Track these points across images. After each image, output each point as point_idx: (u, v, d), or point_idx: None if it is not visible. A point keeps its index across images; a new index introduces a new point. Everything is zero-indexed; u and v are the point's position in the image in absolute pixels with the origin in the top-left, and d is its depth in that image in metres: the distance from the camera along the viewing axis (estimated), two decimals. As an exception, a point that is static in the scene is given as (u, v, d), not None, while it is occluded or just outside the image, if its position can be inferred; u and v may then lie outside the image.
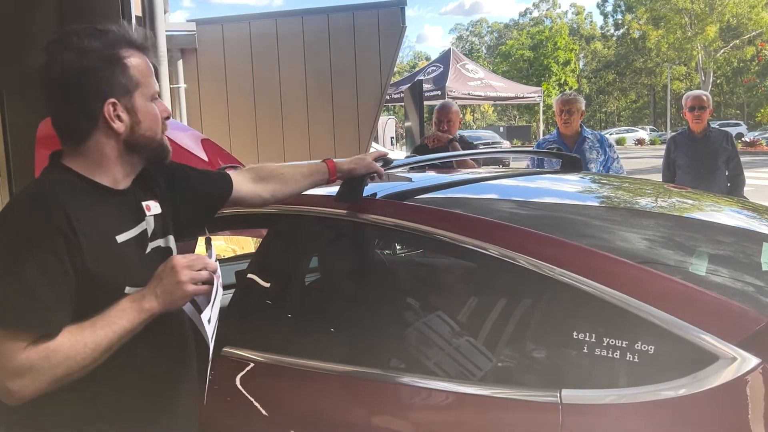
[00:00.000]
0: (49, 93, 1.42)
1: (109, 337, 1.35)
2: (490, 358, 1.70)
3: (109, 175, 1.47)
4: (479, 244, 1.70)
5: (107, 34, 1.43)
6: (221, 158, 3.65)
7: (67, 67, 1.38)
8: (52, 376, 1.30)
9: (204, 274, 1.44)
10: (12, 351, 1.27)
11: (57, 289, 1.32)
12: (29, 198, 1.38)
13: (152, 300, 1.39)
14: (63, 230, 1.32)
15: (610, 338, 1.43)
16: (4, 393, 1.29)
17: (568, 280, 1.52)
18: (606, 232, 1.95)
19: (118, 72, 1.42)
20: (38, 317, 1.29)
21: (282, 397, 1.85)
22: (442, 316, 1.98)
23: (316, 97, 9.67)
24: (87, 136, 1.43)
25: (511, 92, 22.60)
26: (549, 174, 3.07)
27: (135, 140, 1.47)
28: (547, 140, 4.91)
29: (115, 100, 1.42)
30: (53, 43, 1.41)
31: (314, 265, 2.45)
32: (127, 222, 1.48)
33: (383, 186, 2.18)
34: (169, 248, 1.60)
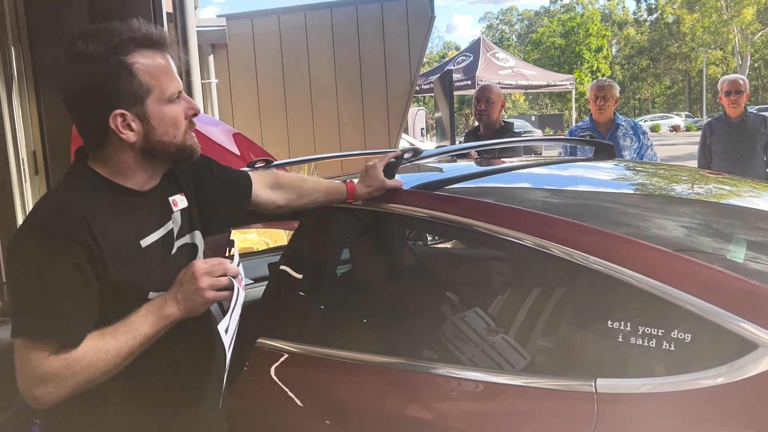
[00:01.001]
0: (63, 101, 1.41)
1: (130, 343, 1.36)
2: (523, 348, 1.69)
3: (133, 179, 1.46)
4: (512, 233, 1.69)
5: (114, 36, 1.37)
6: (253, 152, 3.67)
7: (72, 78, 1.37)
8: (74, 383, 1.32)
9: (224, 280, 1.43)
10: (36, 360, 1.30)
11: (78, 301, 1.33)
12: (49, 210, 1.38)
13: (173, 306, 1.40)
14: (84, 242, 1.32)
15: (645, 327, 1.41)
16: (30, 398, 1.32)
17: (602, 268, 1.50)
18: (641, 219, 1.92)
19: (124, 80, 1.36)
20: (59, 330, 1.31)
21: (315, 387, 1.86)
22: (475, 306, 1.97)
23: (346, 89, 9.67)
24: (102, 145, 1.42)
25: (543, 80, 22.32)
26: (582, 162, 3.03)
27: (151, 147, 1.43)
28: (580, 127, 4.87)
29: (123, 110, 1.38)
30: (66, 47, 1.38)
31: (345, 256, 2.46)
32: (152, 224, 1.48)
33: (414, 176, 2.17)
34: (195, 245, 1.59)
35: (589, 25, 48.88)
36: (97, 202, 1.38)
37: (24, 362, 1.31)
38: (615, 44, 57.11)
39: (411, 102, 10.42)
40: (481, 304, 1.97)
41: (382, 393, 1.77)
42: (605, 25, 52.51)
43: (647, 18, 56.06)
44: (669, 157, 17.31)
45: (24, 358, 1.31)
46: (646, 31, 55.63)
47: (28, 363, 1.30)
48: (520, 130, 25.66)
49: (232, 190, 1.75)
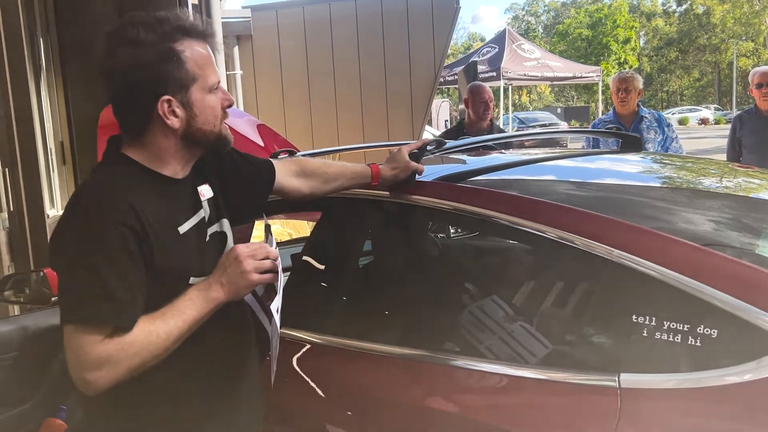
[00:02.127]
0: (108, 86, 1.43)
1: (179, 326, 1.38)
2: (546, 341, 1.68)
3: (169, 166, 1.48)
4: (536, 226, 1.67)
5: (164, 24, 1.41)
6: (277, 143, 3.69)
7: (122, 62, 1.38)
8: (127, 367, 1.33)
9: (267, 263, 1.47)
10: (89, 344, 1.31)
11: (130, 284, 1.35)
12: (96, 194, 1.39)
13: (218, 289, 1.43)
14: (131, 225, 1.34)
15: (671, 322, 1.39)
16: (83, 384, 1.33)
17: (627, 262, 1.48)
18: (667, 213, 1.89)
19: (173, 67, 1.40)
20: (113, 313, 1.32)
21: (337, 378, 1.86)
22: (498, 298, 1.96)
23: (370, 81, 9.67)
24: (144, 130, 1.44)
25: (569, 72, 22.11)
26: (607, 154, 3.00)
27: (192, 134, 1.46)
28: (603, 120, 4.82)
29: (170, 96, 1.41)
30: (111, 34, 1.41)
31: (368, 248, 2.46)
32: (187, 211, 1.50)
33: (438, 168, 2.16)
34: (224, 233, 1.61)
35: (616, 16, 48.24)
36: (138, 189, 1.41)
37: (77, 347, 1.31)
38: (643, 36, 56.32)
39: (435, 94, 10.39)
40: (504, 296, 1.96)
41: (404, 384, 1.77)
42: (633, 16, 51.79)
43: (676, 9, 55.21)
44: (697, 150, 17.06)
45: (77, 342, 1.31)
46: (675, 23, 54.79)
47: (81, 348, 1.31)
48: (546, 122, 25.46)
49: (254, 180, 1.76)
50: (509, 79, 20.43)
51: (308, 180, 1.88)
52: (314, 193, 1.90)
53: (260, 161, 1.82)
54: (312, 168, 1.90)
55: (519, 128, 23.15)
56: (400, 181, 1.95)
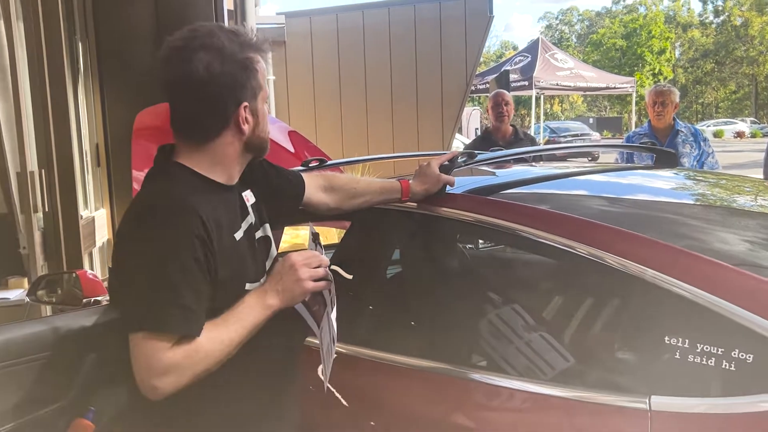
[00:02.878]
0: (181, 91, 1.44)
1: (239, 332, 1.42)
2: (575, 360, 1.66)
3: (226, 172, 1.52)
4: (567, 242, 1.65)
5: (239, 36, 1.46)
6: (308, 150, 3.70)
7: (207, 68, 1.40)
8: (192, 373, 1.36)
9: (321, 271, 1.51)
10: (158, 351, 1.33)
11: (198, 292, 1.38)
12: (167, 203, 1.40)
13: (274, 297, 1.47)
14: (200, 235, 1.38)
15: (704, 344, 1.36)
16: (150, 389, 1.35)
17: (660, 282, 1.45)
18: (702, 232, 1.86)
19: (251, 76, 1.46)
20: (184, 321, 1.35)
21: (361, 388, 1.86)
22: (526, 314, 1.94)
23: (401, 88, 9.68)
24: (215, 136, 1.47)
25: (602, 82, 21.93)
26: (640, 169, 2.95)
27: (253, 141, 1.52)
28: (638, 133, 4.76)
29: (247, 103, 1.47)
30: (188, 39, 1.43)
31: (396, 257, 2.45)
32: (238, 218, 1.54)
33: (467, 180, 2.15)
34: (268, 237, 1.65)
35: (652, 27, 47.73)
36: (201, 197, 1.44)
37: (147, 354, 1.34)
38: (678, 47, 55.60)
39: (466, 101, 10.36)
40: (533, 312, 1.94)
41: (429, 398, 1.76)
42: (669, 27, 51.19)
43: (713, 20, 54.41)
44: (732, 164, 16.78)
45: (146, 349, 1.34)
46: (712, 34, 54.00)
47: (151, 355, 1.33)
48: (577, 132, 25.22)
49: (284, 192, 1.78)
50: (541, 88, 20.32)
51: (336, 194, 1.89)
52: (341, 208, 1.92)
53: (290, 174, 1.84)
54: (340, 183, 1.91)
55: (550, 138, 22.98)
56: (431, 195, 1.94)
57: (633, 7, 55.40)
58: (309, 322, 1.65)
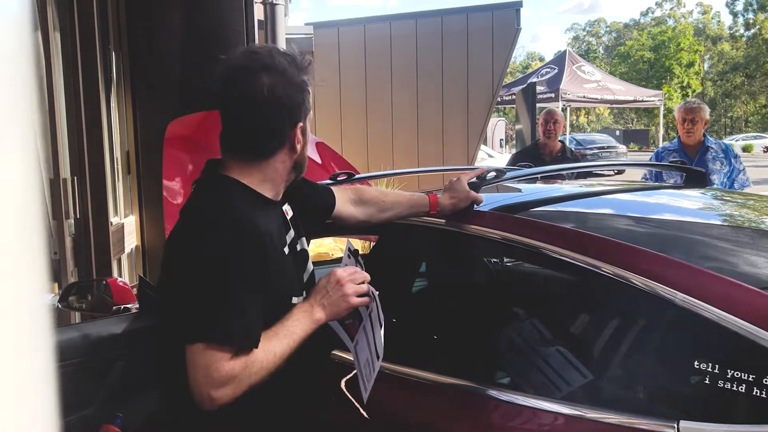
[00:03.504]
0: (241, 110, 1.47)
1: (290, 345, 1.45)
2: (603, 382, 1.65)
3: (275, 189, 1.56)
4: (592, 262, 1.65)
5: (295, 59, 1.50)
6: (335, 162, 3.73)
7: (271, 90, 1.43)
8: (248, 384, 1.39)
9: (365, 287, 1.55)
10: (218, 362, 1.36)
11: (257, 306, 1.41)
12: (230, 219, 1.43)
13: (320, 311, 1.51)
14: (260, 248, 1.42)
15: (735, 370, 1.35)
16: (207, 400, 1.37)
17: (690, 305, 1.44)
18: (731, 254, 1.84)
19: (307, 98, 1.51)
20: (245, 334, 1.38)
21: (384, 403, 1.87)
22: (550, 334, 1.94)
23: (427, 99, 9.69)
24: (270, 154, 1.51)
25: (630, 95, 21.77)
26: (669, 189, 2.93)
27: (300, 159, 1.56)
28: (667, 149, 4.70)
29: (302, 123, 1.51)
30: (252, 61, 1.45)
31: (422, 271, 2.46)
32: (283, 233, 1.58)
33: (494, 197, 2.15)
34: (305, 250, 1.68)
35: (680, 39, 47.31)
36: (256, 212, 1.47)
37: (207, 365, 1.36)
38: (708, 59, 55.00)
39: (492, 113, 10.35)
40: (556, 332, 1.94)
41: (453, 415, 1.76)
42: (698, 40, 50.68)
43: (744, 33, 53.75)
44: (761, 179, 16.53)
45: (207, 360, 1.36)
46: (742, 47, 53.34)
47: (211, 366, 1.35)
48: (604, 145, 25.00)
49: (314, 204, 1.80)
50: (568, 100, 20.22)
51: (365, 208, 1.91)
52: (370, 221, 1.94)
53: (320, 187, 1.86)
54: (369, 196, 1.93)
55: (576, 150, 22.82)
56: (459, 210, 1.95)
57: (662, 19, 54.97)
58: (342, 336, 1.67)
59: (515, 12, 9.71)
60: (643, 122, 48.53)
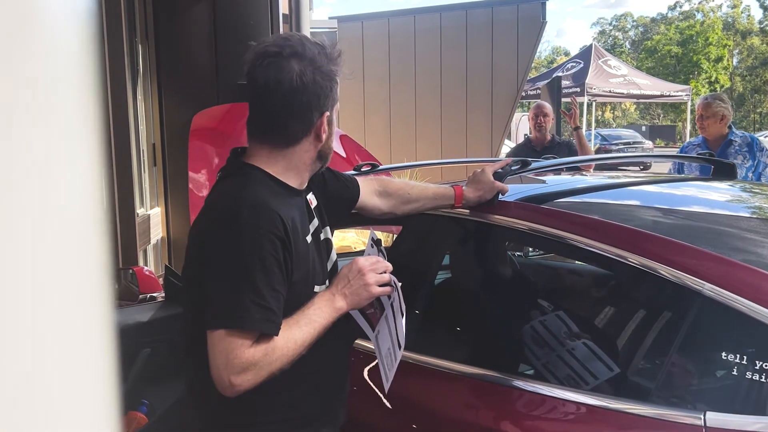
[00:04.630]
0: (271, 96, 1.47)
1: (311, 333, 1.45)
2: (629, 372, 1.63)
3: (299, 178, 1.56)
4: (619, 252, 1.64)
5: (325, 49, 1.50)
6: (359, 155, 3.73)
7: (301, 77, 1.44)
8: (269, 371, 1.40)
9: (386, 276, 1.54)
10: (239, 349, 1.37)
11: (278, 292, 1.42)
12: (251, 204, 1.43)
13: (342, 300, 1.51)
14: (281, 236, 1.42)
15: (764, 362, 1.33)
16: (227, 387, 1.38)
17: (718, 296, 1.43)
18: (760, 246, 1.81)
19: (335, 88, 1.51)
20: (265, 320, 1.39)
21: (406, 392, 1.87)
22: (576, 324, 1.92)
23: (450, 93, 9.66)
24: (296, 142, 1.51)
25: (656, 90, 21.46)
26: (696, 181, 2.90)
27: (325, 150, 1.57)
28: (692, 143, 4.72)
29: (328, 113, 1.52)
30: (283, 47, 1.46)
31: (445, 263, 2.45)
32: (306, 221, 1.58)
33: (519, 188, 2.14)
34: (329, 239, 1.68)
35: (709, 34, 46.56)
36: (278, 200, 1.48)
37: (227, 351, 1.37)
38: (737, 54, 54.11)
39: (516, 107, 10.29)
40: (583, 322, 1.92)
41: (477, 405, 1.76)
42: (727, 34, 49.86)
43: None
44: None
45: (227, 346, 1.37)
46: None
47: (231, 352, 1.37)
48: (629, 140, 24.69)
49: (339, 194, 1.80)
50: (593, 95, 19.99)
51: (390, 199, 1.91)
52: (394, 213, 1.94)
53: (345, 177, 1.86)
54: (394, 188, 1.93)
55: (601, 146, 22.61)
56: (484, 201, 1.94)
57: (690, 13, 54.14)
58: (363, 326, 1.67)
59: (541, 5, 9.63)
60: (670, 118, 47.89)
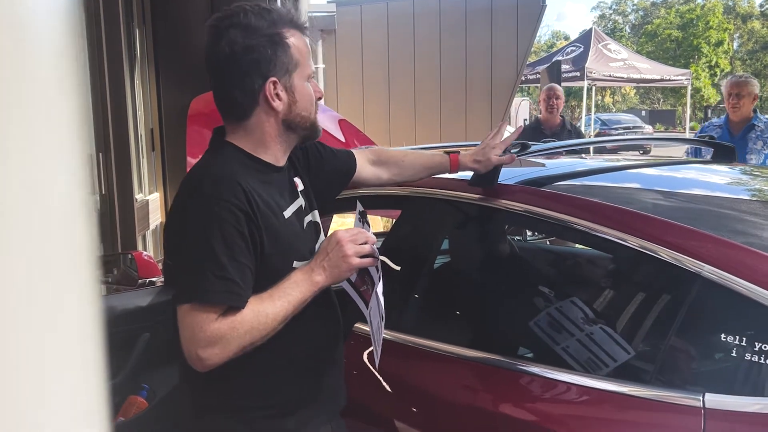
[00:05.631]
0: (214, 69, 1.48)
1: (285, 307, 1.43)
2: (626, 354, 1.64)
3: (270, 152, 1.54)
4: (617, 234, 1.63)
5: (271, 13, 1.47)
6: (357, 139, 3.71)
7: (232, 44, 1.43)
8: (238, 345, 1.39)
9: (367, 247, 1.51)
10: (203, 323, 1.36)
11: (242, 265, 1.40)
12: (212, 178, 1.43)
13: (321, 273, 1.48)
14: (245, 209, 1.40)
15: (762, 343, 1.33)
16: (196, 360, 1.38)
17: (718, 278, 1.42)
18: (761, 228, 1.81)
19: (280, 51, 1.46)
20: (226, 293, 1.37)
21: (406, 375, 1.87)
22: (574, 307, 1.92)
23: (450, 78, 9.62)
24: (248, 114, 1.49)
25: (656, 74, 21.37)
26: (696, 164, 2.89)
27: (292, 119, 1.52)
28: (713, 124, 4.61)
29: (276, 78, 1.47)
30: (220, 19, 1.46)
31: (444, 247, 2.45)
32: (287, 198, 1.56)
33: (518, 171, 2.14)
34: (317, 223, 1.67)
35: (709, 18, 46.30)
36: (248, 174, 1.46)
37: (192, 325, 1.37)
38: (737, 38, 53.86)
39: (516, 92, 10.25)
40: (581, 304, 1.92)
41: (475, 387, 1.76)
42: (727, 18, 49.59)
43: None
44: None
45: (192, 320, 1.37)
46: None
47: (196, 325, 1.36)
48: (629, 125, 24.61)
49: (337, 170, 1.81)
50: (593, 79, 19.91)
51: (385, 168, 1.91)
52: (393, 180, 1.93)
53: (341, 152, 1.86)
54: (388, 155, 1.93)
55: (601, 130, 22.56)
56: (480, 175, 1.93)
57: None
58: (358, 303, 1.66)
59: (540, -11, 9.57)
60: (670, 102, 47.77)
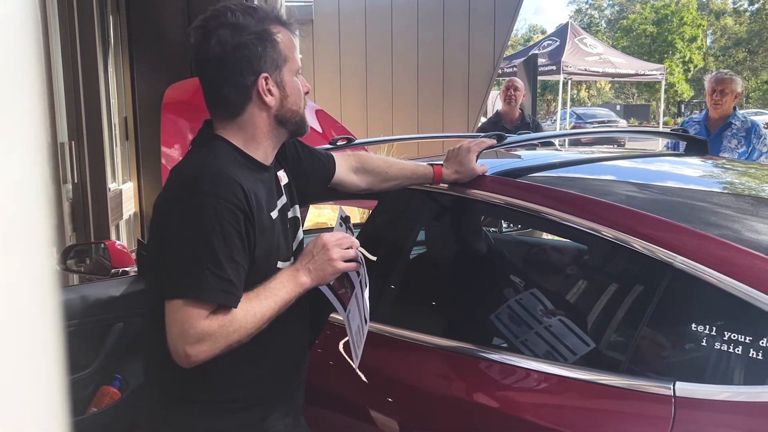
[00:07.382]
0: (204, 68, 1.48)
1: (271, 307, 1.44)
2: (599, 344, 1.65)
3: (261, 149, 1.54)
4: (592, 225, 1.65)
5: (257, 10, 1.48)
6: (334, 130, 3.70)
7: (223, 43, 1.44)
8: (225, 343, 1.39)
9: (352, 252, 1.53)
10: (195, 319, 1.36)
11: (238, 264, 1.40)
12: (211, 175, 1.42)
13: (306, 275, 1.49)
14: (243, 208, 1.40)
15: (732, 332, 1.36)
16: (183, 357, 1.37)
17: (689, 269, 1.45)
18: (731, 220, 1.84)
19: (269, 47, 1.47)
20: (223, 291, 1.37)
21: (380, 364, 1.88)
22: (548, 297, 1.94)
23: (427, 70, 9.63)
24: (241, 110, 1.49)
25: (631, 69, 21.55)
26: (670, 156, 2.92)
27: (283, 114, 1.53)
28: (692, 119, 4.63)
29: (267, 74, 1.48)
30: (208, 19, 1.46)
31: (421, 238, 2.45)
32: (274, 197, 1.56)
33: (494, 162, 2.14)
34: (297, 218, 1.67)
35: (683, 14, 46.83)
36: (242, 172, 1.46)
37: (182, 321, 1.36)
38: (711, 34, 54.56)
39: (492, 85, 10.29)
40: (555, 294, 1.94)
41: (451, 377, 1.77)
42: (701, 14, 50.21)
43: (747, 8, 53.24)
44: (761, 155, 16.42)
45: (183, 316, 1.36)
46: (746, 22, 52.85)
47: (186, 322, 1.36)
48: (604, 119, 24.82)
49: (315, 170, 1.79)
50: (569, 73, 20.03)
51: (367, 176, 1.91)
52: (371, 189, 1.94)
53: (321, 153, 1.84)
54: (372, 165, 1.92)
55: (576, 124, 22.73)
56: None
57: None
58: (335, 305, 1.67)
59: (518, -18, 9.60)
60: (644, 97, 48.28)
